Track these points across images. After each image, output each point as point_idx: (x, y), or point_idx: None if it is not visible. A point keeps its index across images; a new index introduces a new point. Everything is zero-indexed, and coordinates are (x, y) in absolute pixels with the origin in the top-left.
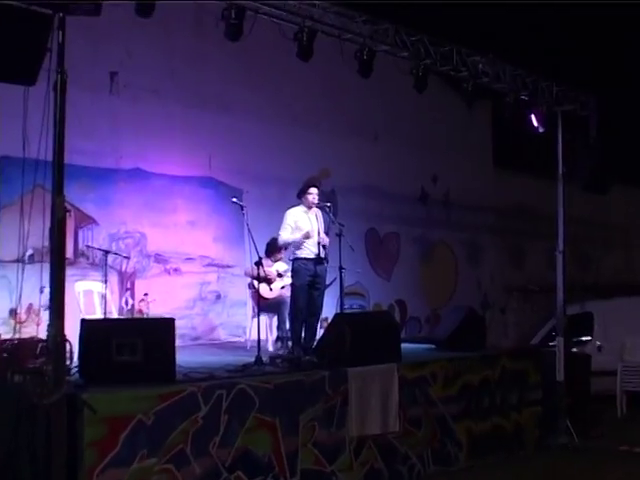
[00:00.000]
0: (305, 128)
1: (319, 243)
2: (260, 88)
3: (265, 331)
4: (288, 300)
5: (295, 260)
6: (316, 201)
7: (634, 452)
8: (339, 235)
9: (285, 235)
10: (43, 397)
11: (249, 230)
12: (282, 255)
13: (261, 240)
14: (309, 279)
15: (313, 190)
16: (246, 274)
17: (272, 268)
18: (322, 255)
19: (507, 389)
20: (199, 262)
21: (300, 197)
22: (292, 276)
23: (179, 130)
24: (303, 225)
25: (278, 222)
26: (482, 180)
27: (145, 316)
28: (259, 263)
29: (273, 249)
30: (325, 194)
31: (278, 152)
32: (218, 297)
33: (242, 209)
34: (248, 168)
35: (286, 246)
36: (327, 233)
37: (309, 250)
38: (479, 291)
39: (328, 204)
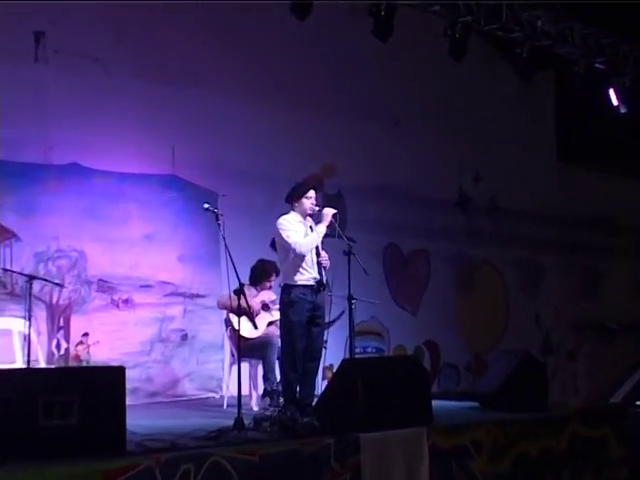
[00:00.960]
0: (303, 111)
1: (319, 264)
2: (242, 57)
3: (248, 384)
4: (278, 341)
5: (288, 288)
6: (316, 208)
7: None
8: (348, 254)
9: (301, 238)
10: None
11: (226, 247)
12: (272, 283)
13: (243, 260)
14: (307, 313)
15: (312, 194)
16: (222, 306)
17: (257, 299)
18: (323, 280)
19: (579, 464)
20: (159, 290)
21: (293, 202)
22: (284, 309)
23: (131, 112)
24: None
25: (266, 237)
26: (542, 179)
27: (84, 364)
28: (240, 292)
29: (261, 275)
30: (329, 198)
31: (266, 142)
32: (184, 338)
33: (217, 219)
34: (225, 163)
35: (316, 252)
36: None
37: (307, 273)
38: (539, 330)
39: (333, 211)
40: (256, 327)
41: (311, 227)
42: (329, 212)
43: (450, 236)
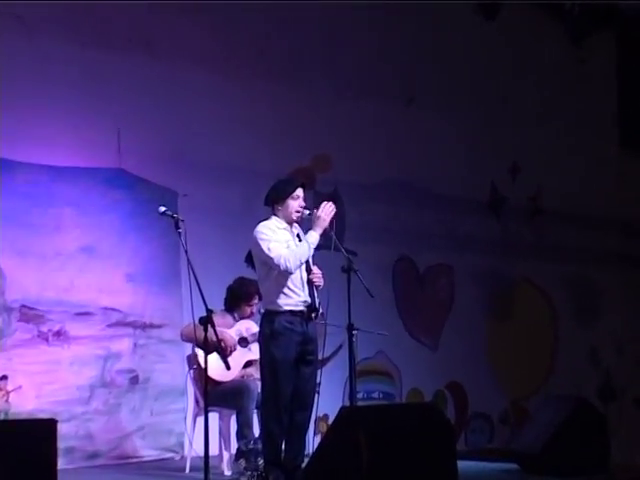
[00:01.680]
0: (290, 86)
1: (310, 283)
2: (212, 17)
3: (218, 441)
4: (258, 386)
5: (270, 315)
6: (305, 212)
7: None
8: (347, 270)
9: (286, 250)
10: None
11: (189, 263)
12: (255, 308)
13: (212, 279)
14: (296, 348)
15: (300, 193)
16: (186, 339)
17: (232, 330)
18: (316, 305)
19: None
20: (101, 319)
21: (276, 204)
22: (266, 343)
23: (63, 85)
24: None
25: (241, 249)
26: (600, 172)
27: (2, 417)
28: (207, 321)
29: (240, 298)
30: (322, 199)
31: (242, 126)
32: (134, 381)
33: (177, 226)
34: (188, 153)
35: (306, 268)
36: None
37: (295, 296)
38: (596, 368)
39: (329, 214)
40: (229, 367)
41: (299, 236)
42: (324, 215)
43: (480, 247)
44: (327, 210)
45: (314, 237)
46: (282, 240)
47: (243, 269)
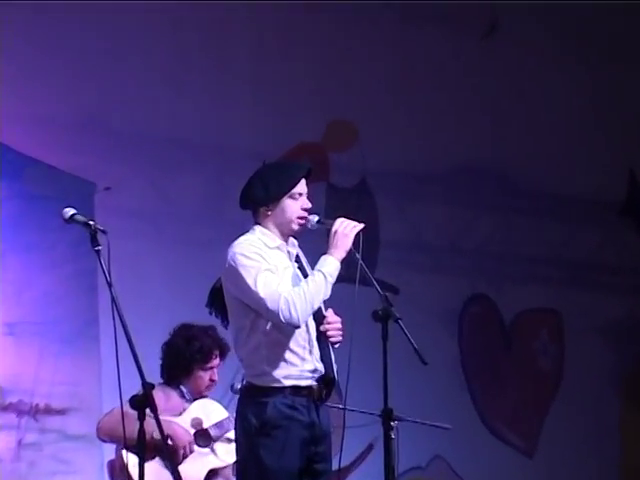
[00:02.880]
0: (294, 16)
1: (322, 338)
2: None
3: None
4: None
5: (256, 394)
6: (313, 220)
7: None
8: (383, 318)
9: (284, 286)
10: None
11: (114, 302)
12: (215, 372)
13: (154, 331)
14: (302, 450)
15: (302, 187)
16: (105, 435)
17: (183, 419)
18: (333, 374)
19: None
20: None
21: (260, 207)
22: (249, 441)
23: None
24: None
25: (203, 278)
26: None
27: None
28: (144, 403)
29: (184, 358)
30: (341, 196)
31: (204, 75)
32: None
33: (95, 241)
34: (113, 123)
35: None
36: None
37: (298, 361)
38: None
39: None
40: (179, 478)
41: (298, 258)
42: (345, 230)
43: (610, 281)
44: (350, 223)
45: (332, 265)
46: (278, 268)
47: (200, 314)
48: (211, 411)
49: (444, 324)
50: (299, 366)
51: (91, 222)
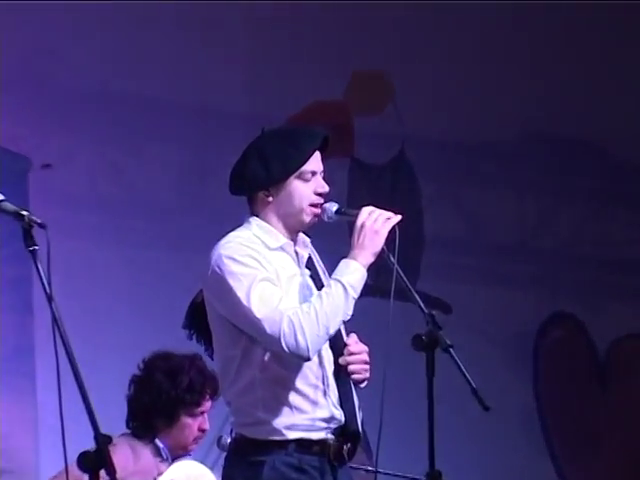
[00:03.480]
0: None
1: (341, 375)
2: None
3: None
4: None
5: (252, 451)
6: (332, 208)
7: None
8: (429, 347)
9: (284, 303)
10: None
11: (56, 323)
12: (205, 420)
13: (111, 365)
14: None
15: (316, 164)
16: None
17: None
18: (357, 426)
19: None
20: None
21: (257, 191)
22: None
23: None
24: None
25: (183, 289)
26: None
27: None
28: (99, 462)
29: (163, 403)
30: (368, 175)
31: (187, 17)
32: None
33: (29, 239)
34: (58, 80)
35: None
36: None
37: (308, 407)
38: None
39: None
40: None
41: (311, 267)
42: (375, 225)
43: None
44: (381, 214)
45: (356, 273)
46: (280, 277)
47: (179, 338)
48: (195, 477)
49: (513, 355)
50: (309, 413)
51: (24, 212)
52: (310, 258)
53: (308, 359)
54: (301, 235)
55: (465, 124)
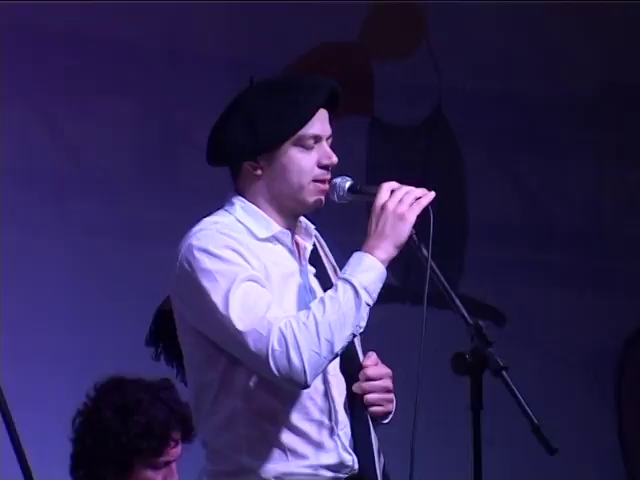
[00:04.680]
0: None
1: (356, 403)
2: None
3: None
4: None
5: None
6: (341, 183)
7: None
8: (474, 369)
9: (273, 310)
10: None
11: None
12: (174, 470)
13: (45, 395)
14: None
15: (317, 127)
16: None
17: None
18: (375, 472)
19: None
20: None
21: (240, 162)
22: None
23: None
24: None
25: (149, 291)
26: None
27: None
28: None
29: (114, 445)
30: (391, 137)
31: None
32: None
33: None
34: None
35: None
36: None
37: (308, 450)
38: None
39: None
40: None
41: (316, 263)
42: (400, 208)
43: None
44: (409, 192)
45: (373, 272)
46: (271, 277)
47: (142, 357)
48: None
49: (590, 379)
50: (309, 458)
51: None
52: (316, 251)
53: (306, 386)
54: (303, 221)
55: (523, 73)
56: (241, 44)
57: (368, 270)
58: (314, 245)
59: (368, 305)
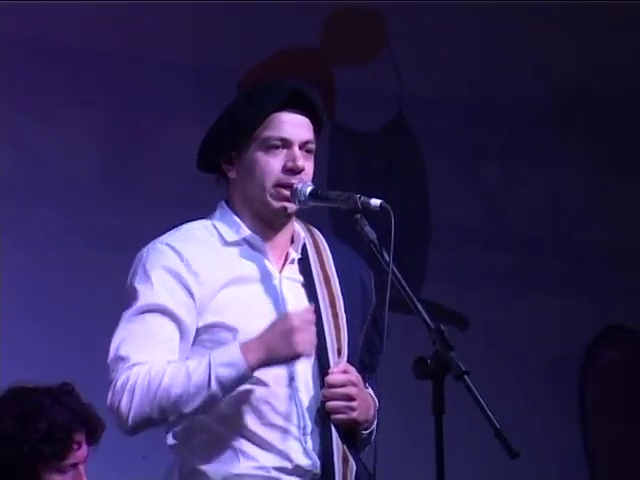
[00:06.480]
0: None
1: (323, 417)
2: None
3: None
4: None
5: None
6: (302, 188)
7: None
8: (434, 374)
9: (145, 345)
10: None
11: None
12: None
13: None
14: None
15: (280, 129)
16: None
17: None
18: (334, 475)
19: None
20: None
21: (217, 160)
22: None
23: None
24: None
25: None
26: None
27: None
28: None
29: (9, 466)
30: (352, 142)
31: None
32: None
33: None
34: None
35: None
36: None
37: (255, 450)
38: None
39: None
40: None
41: (306, 272)
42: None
43: None
44: (305, 313)
45: (235, 370)
46: (232, 285)
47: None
48: None
49: (552, 383)
50: (260, 460)
51: None
52: (306, 260)
53: (128, 432)
54: (295, 226)
55: (484, 78)
56: (200, 50)
57: (232, 367)
58: (305, 253)
59: (213, 396)
